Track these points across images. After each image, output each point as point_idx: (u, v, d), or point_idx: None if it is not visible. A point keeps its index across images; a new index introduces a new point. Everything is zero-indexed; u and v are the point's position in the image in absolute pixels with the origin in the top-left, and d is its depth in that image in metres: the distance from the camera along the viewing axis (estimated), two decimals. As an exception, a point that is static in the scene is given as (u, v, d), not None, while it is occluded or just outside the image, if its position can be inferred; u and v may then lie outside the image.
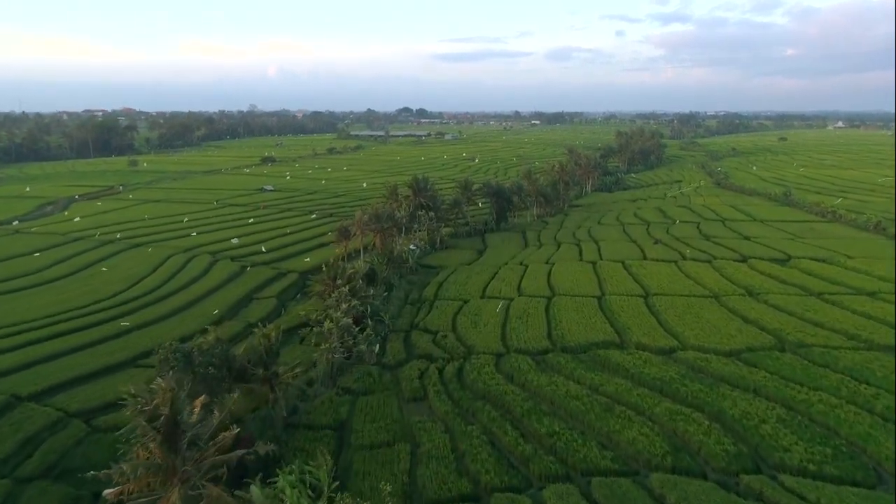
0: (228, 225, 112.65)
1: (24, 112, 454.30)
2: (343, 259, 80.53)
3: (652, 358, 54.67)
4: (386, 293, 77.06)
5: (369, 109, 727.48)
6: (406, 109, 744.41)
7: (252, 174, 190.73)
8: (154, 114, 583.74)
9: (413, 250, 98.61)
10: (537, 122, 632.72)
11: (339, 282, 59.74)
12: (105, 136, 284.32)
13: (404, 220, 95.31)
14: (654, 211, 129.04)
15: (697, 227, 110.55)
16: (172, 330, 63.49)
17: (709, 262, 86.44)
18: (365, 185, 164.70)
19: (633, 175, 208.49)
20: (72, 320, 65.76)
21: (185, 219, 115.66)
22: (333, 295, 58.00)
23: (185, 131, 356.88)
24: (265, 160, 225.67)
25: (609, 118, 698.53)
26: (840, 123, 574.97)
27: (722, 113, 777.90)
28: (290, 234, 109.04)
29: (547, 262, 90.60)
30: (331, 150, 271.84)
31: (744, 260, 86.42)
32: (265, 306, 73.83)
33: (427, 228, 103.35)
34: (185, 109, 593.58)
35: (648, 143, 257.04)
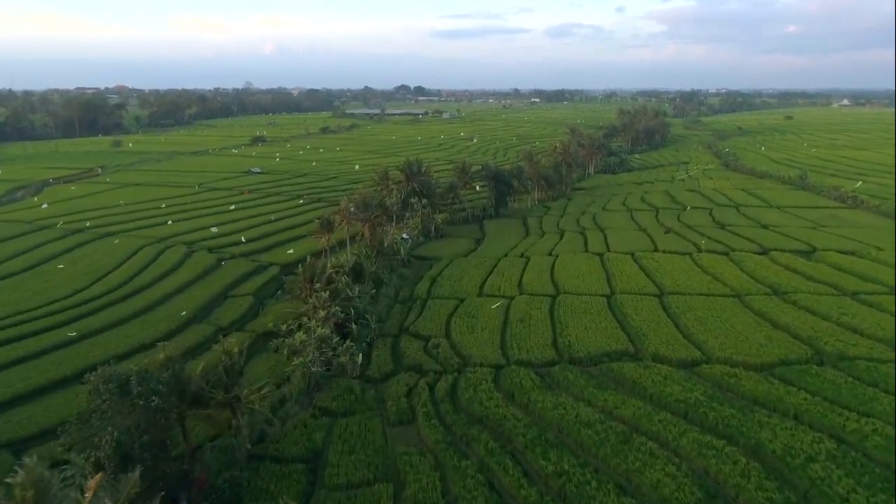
0: (209, 211, 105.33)
1: (11, 90, 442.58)
2: (326, 252, 73.32)
3: (672, 373, 47.87)
4: (374, 290, 70.07)
5: (366, 87, 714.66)
6: (404, 87, 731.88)
7: (240, 155, 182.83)
8: (147, 91, 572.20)
9: (405, 240, 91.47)
10: (537, 99, 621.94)
11: (317, 284, 52.64)
12: (92, 114, 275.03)
13: (395, 208, 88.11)
14: (663, 195, 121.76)
15: (710, 214, 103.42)
16: (131, 336, 56.68)
17: (726, 254, 79.50)
18: (357, 167, 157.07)
19: (637, 156, 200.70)
20: (21, 325, 58.79)
21: (163, 204, 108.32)
22: (310, 301, 50.95)
23: (175, 109, 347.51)
24: (255, 140, 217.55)
25: (610, 96, 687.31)
26: (845, 101, 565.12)
27: (724, 90, 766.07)
28: (274, 221, 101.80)
29: (550, 254, 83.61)
30: (324, 130, 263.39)
31: (764, 252, 79.46)
32: (240, 305, 66.89)
33: (420, 216, 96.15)
34: (181, 87, 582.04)
35: (653, 122, 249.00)
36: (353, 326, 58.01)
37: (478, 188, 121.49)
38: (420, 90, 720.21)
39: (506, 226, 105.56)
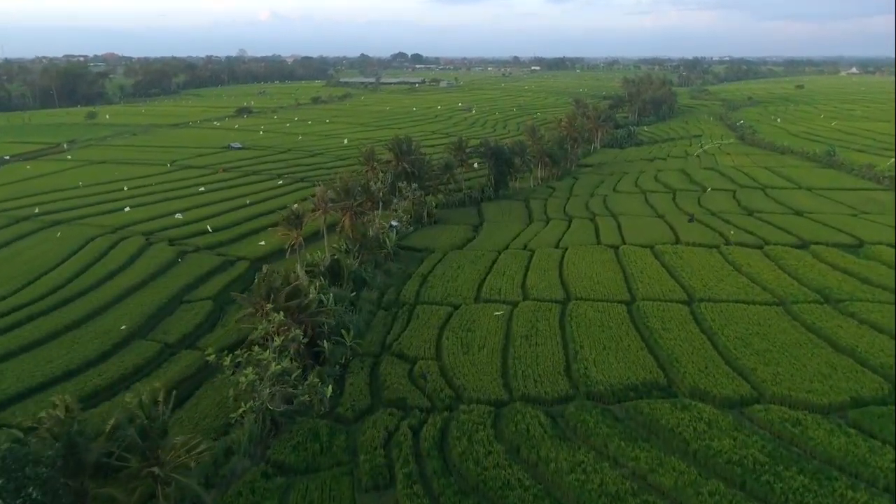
0: (176, 194, 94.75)
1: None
2: (297, 249, 62.92)
3: (718, 417, 38.06)
4: (354, 293, 60.24)
5: (363, 55, 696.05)
6: (401, 55, 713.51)
7: (222, 128, 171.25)
8: (136, 60, 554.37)
9: (393, 228, 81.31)
10: (537, 67, 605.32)
11: (271, 304, 42.33)
12: (71, 84, 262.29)
13: (382, 193, 77.64)
14: (678, 174, 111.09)
15: (734, 197, 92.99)
16: (54, 360, 46.83)
17: (760, 247, 69.41)
18: (346, 141, 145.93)
19: (645, 128, 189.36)
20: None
21: (125, 187, 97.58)
22: (261, 326, 40.80)
23: (161, 78, 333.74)
24: (240, 111, 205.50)
25: (611, 64, 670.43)
26: (854, 69, 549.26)
27: (727, 58, 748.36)
28: (249, 205, 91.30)
29: (557, 246, 73.45)
30: (315, 100, 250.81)
31: (804, 245, 69.33)
32: (196, 313, 56.88)
33: (411, 200, 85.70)
34: (173, 55, 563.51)
35: (660, 91, 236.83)
36: (325, 344, 48.26)
37: (476, 165, 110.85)
38: (418, 58, 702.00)
39: (506, 209, 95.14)
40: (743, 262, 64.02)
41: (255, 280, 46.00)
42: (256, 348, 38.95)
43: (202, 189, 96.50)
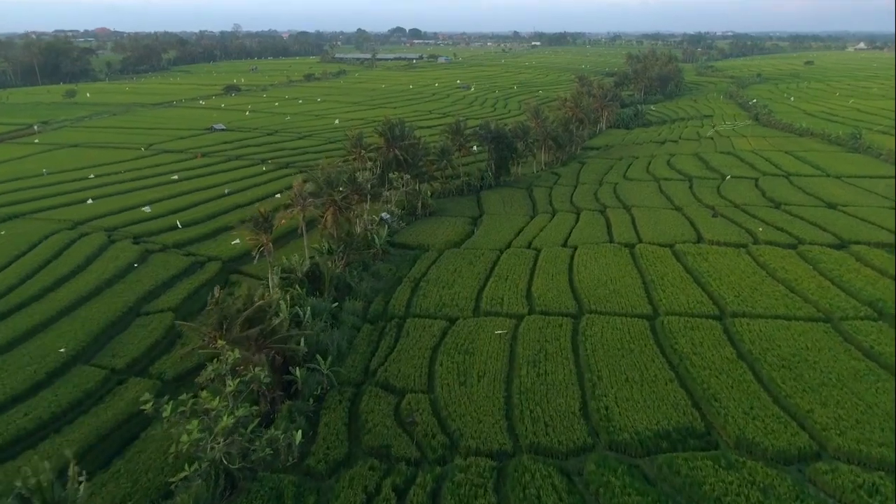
0: (147, 183, 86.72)
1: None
2: (265, 253, 55.05)
3: (774, 480, 30.77)
4: (336, 304, 52.79)
5: (360, 30, 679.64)
6: (399, 30, 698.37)
7: (207, 107, 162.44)
8: (128, 35, 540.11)
9: (385, 221, 73.78)
10: (538, 42, 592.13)
11: (222, 339, 34.53)
12: (54, 60, 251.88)
13: (370, 185, 69.78)
14: (692, 159, 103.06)
15: (756, 186, 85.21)
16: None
17: (793, 247, 61.90)
18: (337, 121, 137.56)
19: (652, 107, 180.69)
20: None
21: (92, 174, 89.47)
22: (211, 367, 33.12)
23: (150, 55, 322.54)
24: (228, 89, 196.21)
25: (613, 39, 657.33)
26: (861, 45, 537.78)
27: (730, 34, 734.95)
28: (226, 195, 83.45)
29: (565, 245, 65.93)
30: (308, 77, 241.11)
31: (843, 245, 61.79)
32: (152, 330, 49.39)
33: (404, 191, 77.88)
34: (166, 30, 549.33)
35: (666, 68, 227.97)
36: (298, 372, 40.90)
37: (475, 148, 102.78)
38: (416, 33, 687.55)
39: (508, 199, 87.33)
40: (777, 266, 56.50)
41: (208, 302, 38.15)
42: (205, 393, 31.50)
43: (175, 177, 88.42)
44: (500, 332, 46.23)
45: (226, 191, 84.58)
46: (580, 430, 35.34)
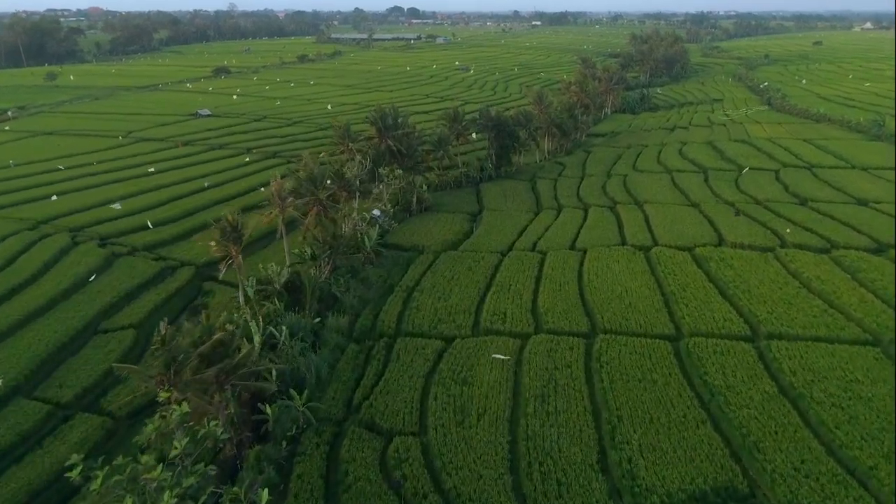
0: (121, 175, 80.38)
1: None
2: (234, 266, 48.74)
3: (840, 565, 25.19)
4: (318, 319, 47.01)
5: (357, 9, 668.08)
6: (397, 9, 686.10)
7: (194, 91, 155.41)
8: (121, 14, 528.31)
9: (376, 219, 67.77)
10: (538, 22, 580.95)
11: (174, 378, 28.62)
12: (39, 40, 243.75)
13: (360, 180, 63.59)
14: (706, 148, 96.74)
15: (777, 179, 79.11)
16: None
17: (826, 251, 56.01)
18: (330, 107, 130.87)
19: (658, 90, 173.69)
20: None
21: (62, 166, 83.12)
22: (152, 425, 27.19)
23: (141, 34, 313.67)
24: (218, 71, 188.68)
25: (615, 19, 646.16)
26: (868, 24, 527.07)
27: (733, 13, 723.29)
28: (206, 189, 77.35)
29: (573, 248, 60.04)
30: (302, 59, 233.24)
31: (880, 250, 55.89)
32: (109, 353, 43.64)
33: (398, 186, 71.72)
34: (160, 10, 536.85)
35: (672, 49, 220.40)
36: (269, 409, 35.19)
37: (474, 136, 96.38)
38: (414, 12, 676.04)
39: (510, 193, 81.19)
40: (811, 275, 50.62)
41: (155, 338, 32.08)
42: (146, 458, 25.74)
43: (151, 169, 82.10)
44: (502, 358, 40.41)
45: (205, 184, 78.43)
46: (599, 491, 29.70)
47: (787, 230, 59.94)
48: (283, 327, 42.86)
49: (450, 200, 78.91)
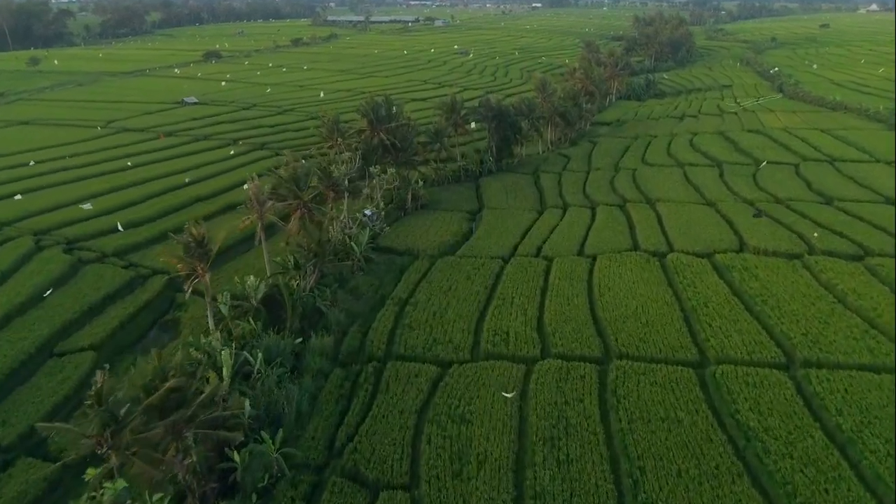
0: (94, 171, 75.11)
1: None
2: (201, 285, 43.36)
3: None
4: (300, 340, 42.18)
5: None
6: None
7: (182, 76, 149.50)
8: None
9: (368, 218, 62.81)
10: (538, 4, 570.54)
11: (112, 440, 23.46)
12: (26, 23, 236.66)
13: (348, 178, 58.39)
14: (718, 139, 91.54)
15: (797, 174, 74.07)
16: None
17: (859, 258, 51.22)
18: (323, 93, 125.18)
19: (664, 75, 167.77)
20: None
21: (32, 161, 77.78)
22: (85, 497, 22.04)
23: (132, 17, 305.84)
24: (208, 56, 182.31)
25: (617, 0, 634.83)
26: (874, 6, 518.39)
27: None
28: (187, 185, 72.21)
29: (581, 253, 55.16)
30: (296, 42, 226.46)
31: (920, 257, 50.93)
32: (62, 381, 38.81)
33: (391, 184, 66.55)
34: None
35: (677, 32, 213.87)
36: (237, 456, 30.47)
37: (473, 125, 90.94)
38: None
39: (511, 189, 76.14)
40: (846, 287, 45.79)
41: (89, 393, 26.78)
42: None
43: (129, 164, 76.80)
44: (506, 395, 35.55)
45: (186, 179, 73.26)
46: (623, 569, 25.03)
47: (815, 234, 54.98)
48: (259, 353, 38.03)
49: (447, 197, 73.87)
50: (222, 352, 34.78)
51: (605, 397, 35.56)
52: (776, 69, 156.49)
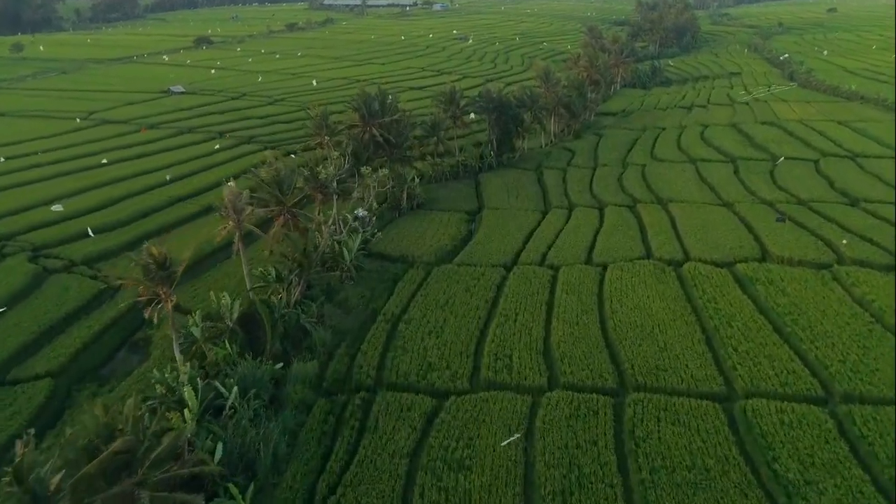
0: (67, 168, 70.51)
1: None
2: (164, 313, 38.66)
3: None
4: (281, 365, 38.00)
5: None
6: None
7: (171, 64, 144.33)
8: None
9: (360, 219, 58.53)
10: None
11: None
12: (14, 7, 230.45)
13: (338, 180, 53.89)
14: (730, 132, 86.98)
15: (818, 171, 69.66)
16: None
17: (892, 269, 46.74)
18: (315, 82, 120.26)
19: (669, 62, 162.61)
20: None
21: (2, 158, 73.10)
22: None
23: (124, 1, 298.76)
24: (199, 42, 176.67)
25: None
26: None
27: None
28: (168, 184, 67.74)
29: (590, 262, 50.87)
30: (290, 27, 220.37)
31: (960, 268, 46.68)
32: (11, 416, 34.64)
33: (384, 186, 62.09)
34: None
35: (682, 17, 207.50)
36: (202, 515, 26.34)
37: (473, 115, 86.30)
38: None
39: (513, 186, 71.67)
40: (882, 304, 41.62)
41: (7, 470, 22.50)
42: None
43: (105, 161, 72.17)
44: (508, 441, 31.35)
45: (167, 177, 68.72)
46: None
47: (844, 241, 50.65)
48: (234, 383, 33.84)
49: (445, 195, 69.51)
50: (186, 389, 30.50)
51: (621, 439, 31.45)
52: (786, 56, 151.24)
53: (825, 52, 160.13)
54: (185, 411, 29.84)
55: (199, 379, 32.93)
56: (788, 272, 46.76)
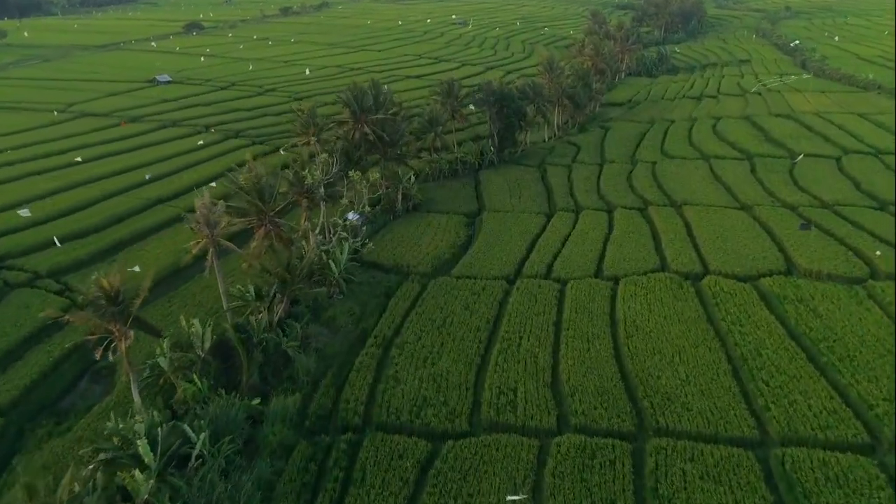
0: (38, 167, 65.83)
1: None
2: (121, 348, 34.36)
3: None
4: (258, 401, 33.99)
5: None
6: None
7: (159, 50, 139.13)
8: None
9: (353, 222, 54.30)
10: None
11: None
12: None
13: (325, 185, 49.49)
14: (744, 125, 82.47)
15: (840, 170, 65.41)
16: None
17: (933, 286, 42.69)
18: (308, 71, 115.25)
19: (675, 48, 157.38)
20: None
21: (-30, 156, 68.83)
22: None
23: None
24: (189, 27, 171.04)
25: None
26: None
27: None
28: (148, 182, 63.39)
29: (600, 275, 46.72)
30: (284, 11, 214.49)
31: None
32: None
33: (376, 192, 57.74)
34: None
35: (687, 2, 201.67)
36: None
37: (472, 107, 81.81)
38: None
39: (515, 185, 67.35)
40: (926, 328, 37.48)
41: None
42: None
43: (78, 159, 67.62)
44: (516, 499, 27.34)
45: (147, 176, 64.35)
46: None
47: (878, 253, 46.51)
48: (204, 427, 29.83)
49: (443, 195, 65.25)
50: (141, 444, 26.41)
51: (642, 497, 27.46)
52: (797, 42, 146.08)
53: (836, 38, 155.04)
54: (136, 472, 25.70)
55: (162, 424, 28.94)
56: (818, 288, 42.66)
